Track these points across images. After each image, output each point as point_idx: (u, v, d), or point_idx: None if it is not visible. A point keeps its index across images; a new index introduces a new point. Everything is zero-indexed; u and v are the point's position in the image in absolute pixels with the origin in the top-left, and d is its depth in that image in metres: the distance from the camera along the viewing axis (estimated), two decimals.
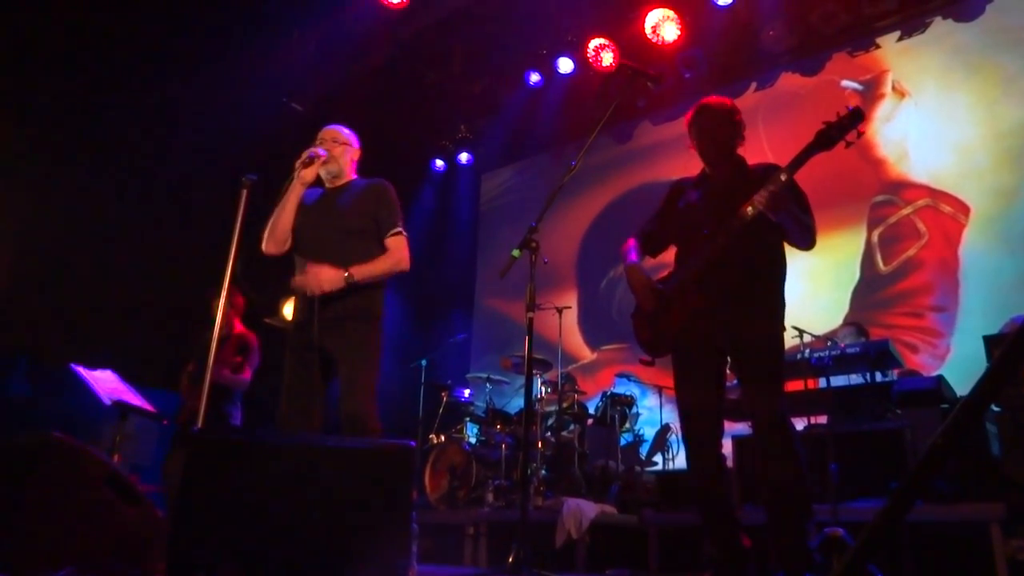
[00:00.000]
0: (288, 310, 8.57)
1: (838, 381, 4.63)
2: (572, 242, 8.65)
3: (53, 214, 5.94)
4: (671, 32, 6.91)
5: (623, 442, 6.26)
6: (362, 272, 3.19)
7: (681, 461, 6.08)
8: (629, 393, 6.47)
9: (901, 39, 6.73)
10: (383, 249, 3.32)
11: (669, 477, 5.25)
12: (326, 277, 3.15)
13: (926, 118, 6.46)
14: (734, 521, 2.77)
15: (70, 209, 6.10)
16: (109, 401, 4.17)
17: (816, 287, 6.51)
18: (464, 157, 9.23)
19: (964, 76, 6.32)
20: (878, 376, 4.66)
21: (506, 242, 8.75)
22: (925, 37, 6.60)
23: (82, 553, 2.01)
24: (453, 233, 9.58)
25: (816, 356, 4.52)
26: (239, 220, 3.31)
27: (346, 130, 3.63)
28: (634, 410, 6.53)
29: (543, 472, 5.71)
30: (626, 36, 7.19)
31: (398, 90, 7.98)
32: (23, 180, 5.77)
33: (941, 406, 4.39)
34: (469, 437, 6.63)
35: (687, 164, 3.11)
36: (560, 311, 6.40)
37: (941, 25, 6.55)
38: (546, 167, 9.11)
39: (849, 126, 2.58)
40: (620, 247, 3.12)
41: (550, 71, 7.79)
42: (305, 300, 3.23)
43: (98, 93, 6.22)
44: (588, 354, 8.12)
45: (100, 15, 6.06)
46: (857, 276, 6.49)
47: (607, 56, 7.32)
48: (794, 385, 4.50)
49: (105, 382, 4.24)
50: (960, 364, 5.53)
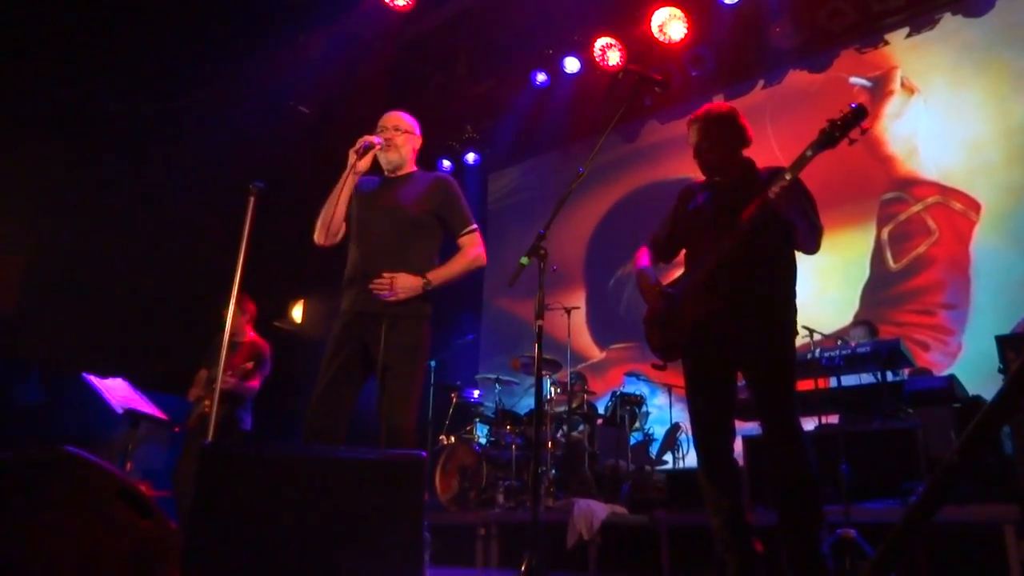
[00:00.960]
0: (297, 313, 8.61)
1: (849, 380, 4.61)
2: (580, 241, 8.64)
3: (64, 224, 5.98)
4: (678, 31, 6.88)
5: (633, 441, 6.26)
6: (440, 276, 3.11)
7: (691, 460, 6.06)
8: (639, 392, 6.47)
9: (910, 35, 6.69)
10: (437, 243, 3.23)
11: (680, 476, 5.24)
12: (404, 285, 3.01)
13: (936, 115, 6.42)
14: (746, 525, 2.76)
15: (80, 219, 6.13)
16: (121, 409, 4.20)
17: (825, 285, 6.48)
18: (471, 157, 9.23)
19: (974, 72, 6.28)
20: (889, 375, 4.64)
21: (514, 242, 8.74)
22: (934, 33, 6.56)
23: (96, 567, 2.02)
24: None
25: (827, 356, 4.50)
26: (247, 227, 3.31)
27: (409, 117, 3.47)
28: (644, 409, 6.53)
29: (553, 472, 5.71)
30: (633, 35, 7.18)
31: (404, 91, 7.97)
32: (35, 191, 5.80)
33: (953, 405, 4.37)
34: (479, 438, 6.63)
35: (694, 163, 3.10)
36: (568, 311, 6.39)
37: (950, 21, 6.50)
38: (553, 166, 9.10)
39: (852, 123, 2.56)
40: (628, 247, 3.12)
41: (556, 71, 7.78)
42: (358, 293, 3.08)
43: (107, 102, 6.24)
44: (597, 353, 8.11)
45: (109, 26, 6.09)
46: (867, 274, 6.46)
47: (613, 55, 7.30)
48: (805, 385, 4.48)
49: (116, 390, 4.27)
50: (972, 362, 5.50)
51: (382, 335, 2.96)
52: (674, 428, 6.36)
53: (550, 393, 6.22)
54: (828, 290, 6.47)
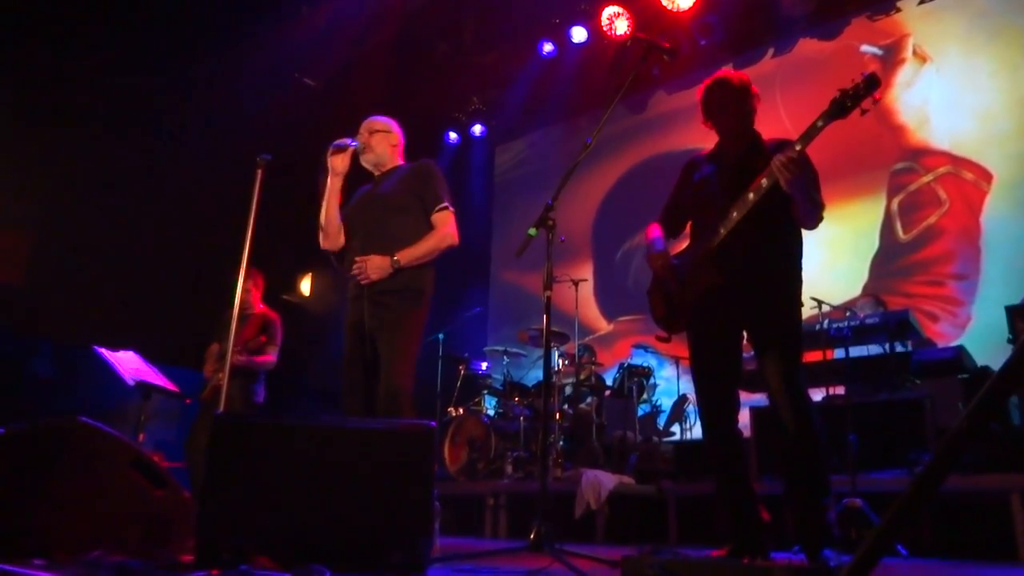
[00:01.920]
0: (305, 286, 8.64)
1: (857, 352, 4.61)
2: (587, 214, 8.61)
3: (73, 198, 5.99)
4: None
5: (640, 413, 6.29)
6: (408, 255, 3.22)
7: (699, 431, 6.09)
8: (646, 364, 6.48)
9: (922, 3, 6.58)
10: (430, 226, 3.33)
11: (687, 447, 5.28)
12: (374, 266, 3.19)
13: (948, 83, 6.33)
14: (752, 494, 2.78)
15: (89, 193, 6.15)
16: (132, 381, 4.24)
17: (834, 256, 6.45)
18: (478, 129, 9.18)
19: (986, 40, 6.18)
20: (897, 346, 4.63)
21: (522, 214, 8.72)
22: (947, 0, 6.45)
23: (111, 535, 2.06)
24: (468, 206, 9.53)
25: (834, 327, 4.50)
26: (255, 199, 3.33)
27: (383, 118, 3.63)
28: (651, 381, 6.54)
29: (561, 444, 5.75)
30: (640, 4, 7.09)
31: (410, 63, 7.92)
32: (42, 165, 5.81)
33: (961, 376, 4.37)
34: (487, 409, 6.68)
35: (703, 133, 3.07)
36: (576, 283, 6.39)
37: None
38: (561, 137, 9.04)
39: (864, 93, 2.52)
40: (636, 219, 3.11)
41: (563, 40, 7.70)
42: (349, 282, 3.29)
43: (114, 76, 6.22)
44: (605, 325, 8.12)
45: (114, 1, 6.05)
46: (876, 245, 6.43)
47: (621, 24, 7.21)
48: (812, 356, 4.48)
49: (128, 363, 4.31)
50: (981, 333, 5.49)
51: (374, 313, 3.19)
52: (681, 399, 6.39)
53: (558, 365, 6.24)
54: (837, 262, 6.44)
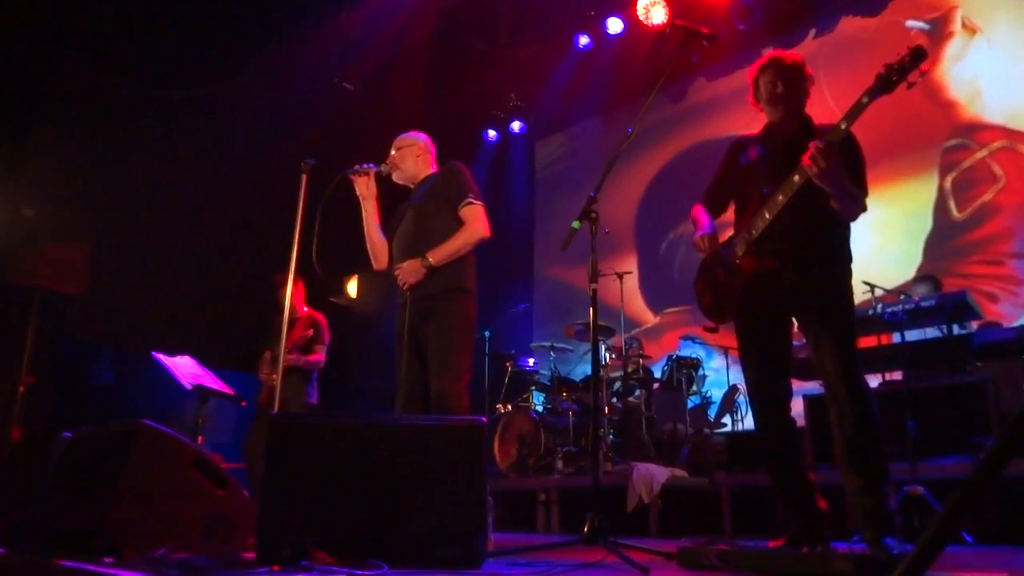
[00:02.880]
0: (352, 288, 8.76)
1: (913, 336, 4.49)
2: (630, 206, 8.55)
3: (128, 212, 6.18)
4: None
5: (691, 405, 6.22)
6: (438, 254, 3.25)
7: (750, 422, 6.01)
8: (695, 356, 6.42)
9: None
10: (460, 224, 3.35)
11: (739, 438, 5.21)
12: (407, 270, 3.25)
13: (1000, 55, 6.12)
14: (808, 483, 2.73)
15: (143, 205, 6.33)
16: (190, 385, 4.35)
17: (886, 239, 6.29)
18: (516, 126, 9.19)
19: None
20: (956, 329, 4.50)
21: (563, 209, 8.71)
22: None
23: (175, 533, 2.12)
24: (510, 203, 9.56)
25: (889, 311, 4.39)
26: (300, 204, 3.39)
27: (407, 134, 3.68)
28: (700, 372, 6.47)
29: (611, 437, 5.73)
30: None
31: (446, 63, 7.96)
32: (99, 177, 6.00)
33: None
34: (536, 405, 6.68)
35: (744, 120, 3.04)
36: (621, 276, 6.35)
37: None
38: (600, 130, 8.99)
39: (911, 66, 2.43)
40: (679, 210, 3.07)
41: (599, 33, 7.65)
42: (399, 288, 3.35)
43: (162, 88, 6.39)
44: (651, 318, 8.06)
45: (158, 12, 6.21)
46: (930, 225, 6.25)
47: (658, 13, 7.14)
48: (867, 341, 4.38)
49: (185, 367, 4.42)
50: None
51: (421, 318, 3.25)
52: (732, 390, 6.30)
53: (605, 359, 6.21)
54: (889, 244, 6.29)
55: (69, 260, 4.80)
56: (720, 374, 6.52)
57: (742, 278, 2.80)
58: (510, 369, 6.77)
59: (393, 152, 3.61)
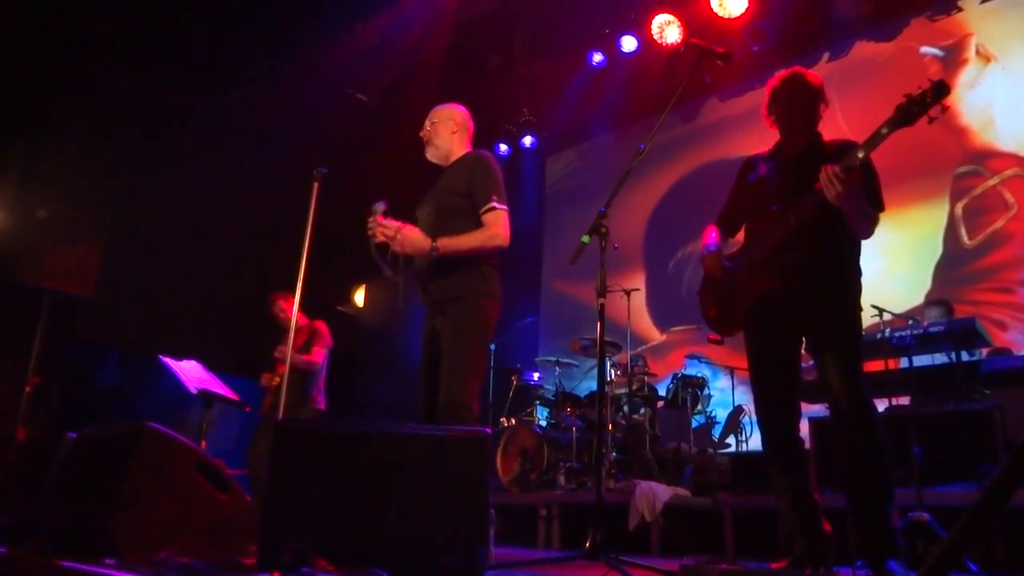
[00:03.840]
0: (360, 297, 8.78)
1: (921, 361, 4.47)
2: (639, 223, 8.55)
3: (138, 215, 6.22)
4: (738, 5, 6.73)
5: (695, 424, 6.20)
6: (448, 244, 3.02)
7: (755, 443, 5.98)
8: (700, 375, 6.40)
9: (985, 1, 6.38)
10: (479, 226, 3.12)
11: (743, 459, 5.18)
12: (410, 238, 3.02)
13: (1014, 83, 6.12)
14: (814, 505, 2.72)
15: (154, 209, 6.38)
16: (195, 390, 4.37)
17: (895, 264, 6.28)
18: (528, 140, 9.21)
19: None
20: (964, 355, 4.47)
21: (573, 225, 8.72)
22: None
23: (178, 537, 2.12)
24: (519, 216, 9.54)
25: (897, 335, 4.36)
26: (311, 212, 3.41)
27: (446, 105, 3.46)
28: (706, 391, 6.45)
29: (614, 455, 5.70)
30: (691, 11, 7.04)
31: (460, 76, 8.00)
32: (109, 181, 6.05)
33: None
34: (539, 420, 6.66)
35: (755, 140, 3.04)
36: (628, 293, 6.35)
37: None
38: (611, 147, 9.01)
39: (932, 101, 2.40)
40: (689, 228, 3.08)
41: (613, 50, 7.69)
42: (418, 287, 3.18)
43: (176, 93, 6.46)
44: (657, 335, 8.04)
45: (173, 18, 6.28)
46: (940, 251, 6.23)
47: (672, 33, 7.18)
48: (874, 365, 4.36)
49: (191, 372, 4.44)
50: None
51: (437, 319, 3.12)
52: (737, 411, 6.28)
53: (611, 375, 6.20)
54: (898, 269, 6.27)
55: (79, 262, 4.83)
56: (725, 394, 6.50)
57: (749, 295, 2.80)
58: (515, 383, 6.75)
59: (428, 125, 3.40)
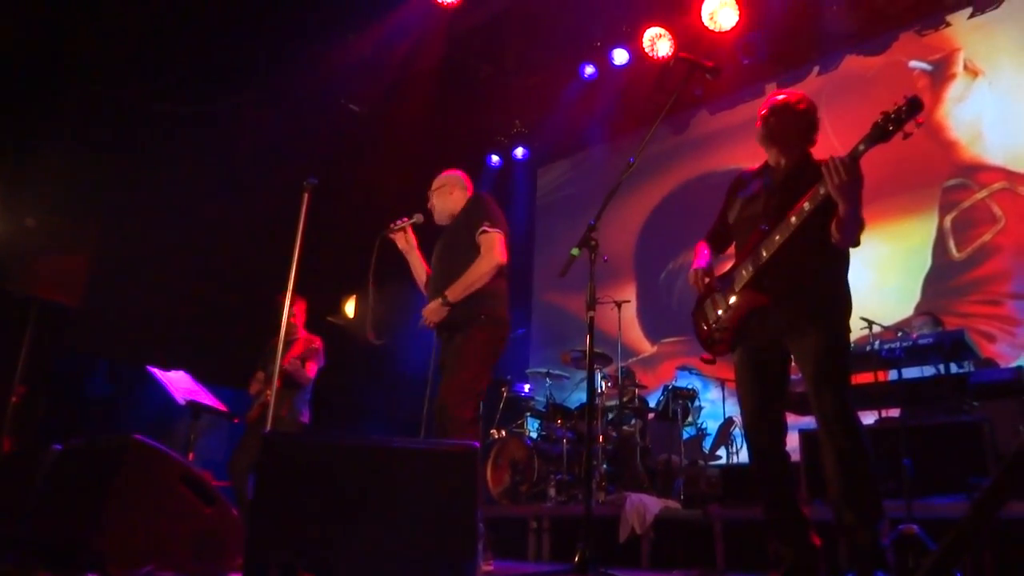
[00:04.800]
0: (349, 308, 8.74)
1: (910, 373, 4.48)
2: (630, 235, 8.57)
3: (128, 224, 6.18)
4: (729, 18, 6.76)
5: (686, 436, 6.19)
6: (456, 290, 3.34)
7: (745, 455, 5.95)
8: (691, 386, 6.39)
9: (973, 16, 6.45)
10: (478, 253, 3.45)
11: (734, 471, 5.17)
12: (429, 311, 3.37)
13: (1001, 97, 6.18)
14: (802, 519, 2.72)
15: (143, 218, 6.34)
16: (183, 400, 4.34)
17: (884, 276, 6.31)
18: (520, 152, 9.23)
19: None
20: (953, 367, 4.49)
21: (563, 236, 8.72)
22: (999, 13, 6.30)
23: (162, 550, 2.09)
24: (510, 228, 9.52)
25: (886, 347, 4.38)
26: (301, 222, 3.40)
27: (445, 172, 3.79)
28: (696, 403, 6.45)
29: (605, 467, 5.69)
30: (682, 24, 7.08)
31: (453, 87, 8.02)
32: (98, 190, 6.02)
33: (1022, 398, 4.21)
34: (530, 432, 6.64)
35: (745, 154, 3.08)
36: (619, 304, 6.35)
37: (1015, 0, 6.24)
38: (602, 159, 9.04)
39: (906, 116, 2.45)
40: (679, 240, 3.10)
41: (605, 63, 7.72)
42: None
43: (167, 102, 6.44)
44: (648, 347, 8.05)
45: (164, 27, 6.28)
46: (929, 263, 6.27)
47: (663, 46, 7.21)
48: (863, 377, 4.37)
49: (179, 382, 4.41)
50: None
51: (443, 353, 3.40)
52: (728, 423, 6.27)
53: (601, 387, 6.19)
54: (888, 281, 6.30)
55: (67, 271, 4.80)
56: (716, 406, 6.50)
57: (738, 313, 2.81)
58: (505, 395, 6.73)
59: (431, 197, 3.73)
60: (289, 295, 3.28)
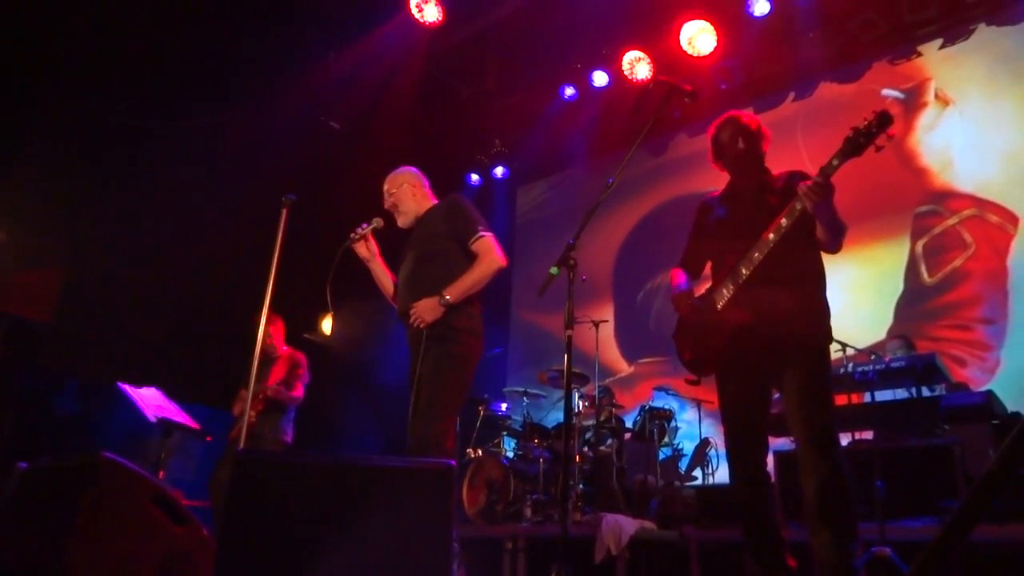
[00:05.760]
0: (327, 325, 8.68)
1: (883, 396, 4.53)
2: (608, 255, 8.61)
3: (100, 239, 6.11)
4: (707, 44, 6.87)
5: (662, 456, 6.20)
6: (457, 289, 3.20)
7: (721, 475, 5.99)
8: (668, 407, 6.41)
9: (944, 46, 6.61)
10: (468, 262, 3.30)
11: (710, 492, 5.17)
12: (424, 308, 3.17)
13: (971, 126, 6.32)
14: (779, 540, 2.73)
15: (116, 233, 6.26)
16: (154, 418, 4.28)
17: (858, 299, 6.39)
18: (499, 171, 9.27)
19: (1010, 82, 6.18)
20: (924, 391, 4.55)
21: (542, 256, 8.74)
22: (969, 44, 6.47)
23: (132, 572, 2.05)
24: None
25: (860, 370, 4.43)
26: (279, 239, 3.38)
27: (400, 169, 3.65)
28: (673, 424, 6.46)
29: (581, 487, 5.67)
30: (661, 49, 7.18)
31: (433, 106, 8.05)
32: (70, 205, 5.95)
33: (992, 422, 4.27)
34: (506, 451, 6.62)
35: (723, 176, 3.10)
36: (597, 324, 6.37)
37: (985, 31, 6.41)
38: (582, 180, 9.10)
39: (877, 130, 2.52)
40: (657, 261, 3.13)
41: (585, 85, 7.80)
42: (410, 331, 3.28)
43: (143, 118, 6.39)
44: (625, 367, 8.07)
45: (142, 42, 6.24)
46: (901, 288, 6.36)
47: (642, 69, 7.30)
48: (837, 400, 4.41)
49: (150, 399, 4.34)
50: (1010, 378, 5.38)
51: (422, 363, 3.19)
52: (704, 443, 6.29)
53: (578, 407, 6.19)
54: (861, 304, 6.38)
55: (38, 287, 4.72)
56: (692, 426, 6.52)
57: (722, 333, 2.83)
58: (482, 413, 6.71)
59: (388, 197, 3.56)
60: (265, 314, 3.23)
